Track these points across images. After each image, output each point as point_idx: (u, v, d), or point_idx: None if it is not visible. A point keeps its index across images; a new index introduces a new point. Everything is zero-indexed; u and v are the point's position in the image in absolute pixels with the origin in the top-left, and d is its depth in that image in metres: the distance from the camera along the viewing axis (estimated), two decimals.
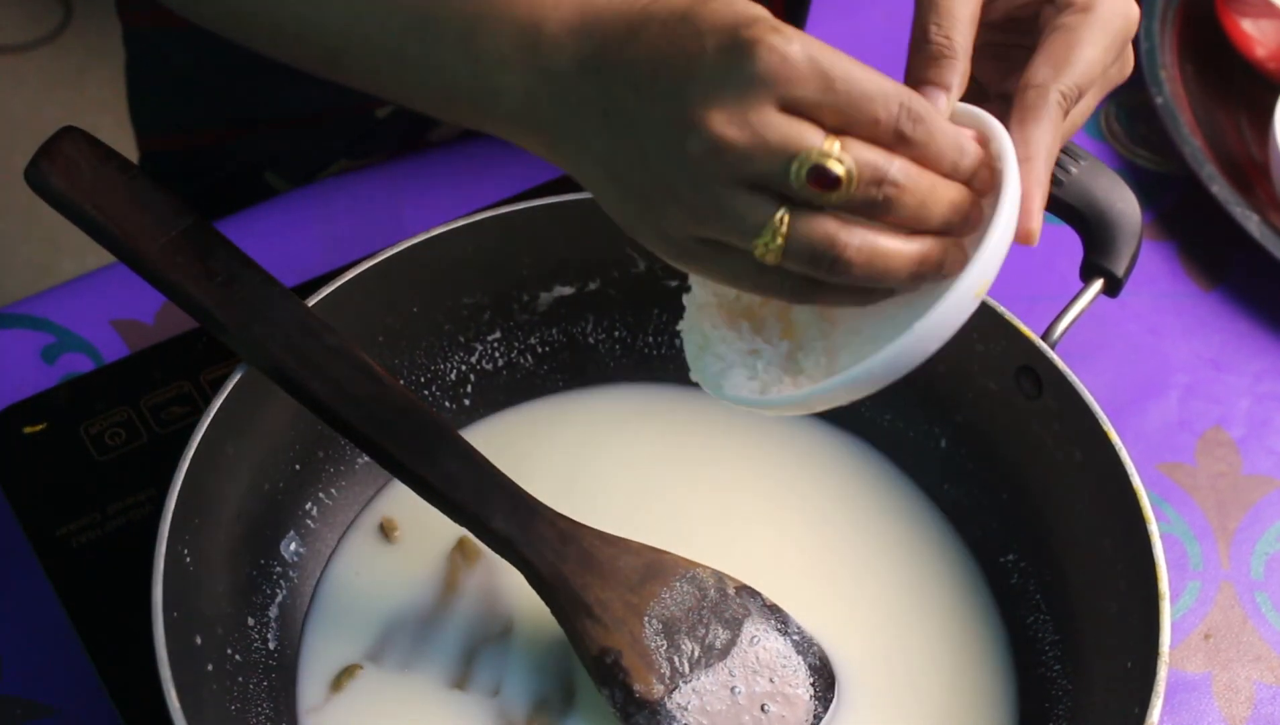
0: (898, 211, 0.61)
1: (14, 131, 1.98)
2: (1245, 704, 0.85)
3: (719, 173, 0.60)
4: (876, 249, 0.61)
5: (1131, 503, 0.75)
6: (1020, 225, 0.65)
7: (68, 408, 0.87)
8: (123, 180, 0.73)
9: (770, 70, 0.59)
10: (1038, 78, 0.67)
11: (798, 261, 0.61)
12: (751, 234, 0.61)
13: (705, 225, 0.61)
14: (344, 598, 0.81)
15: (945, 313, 0.63)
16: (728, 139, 0.59)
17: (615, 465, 0.85)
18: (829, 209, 0.61)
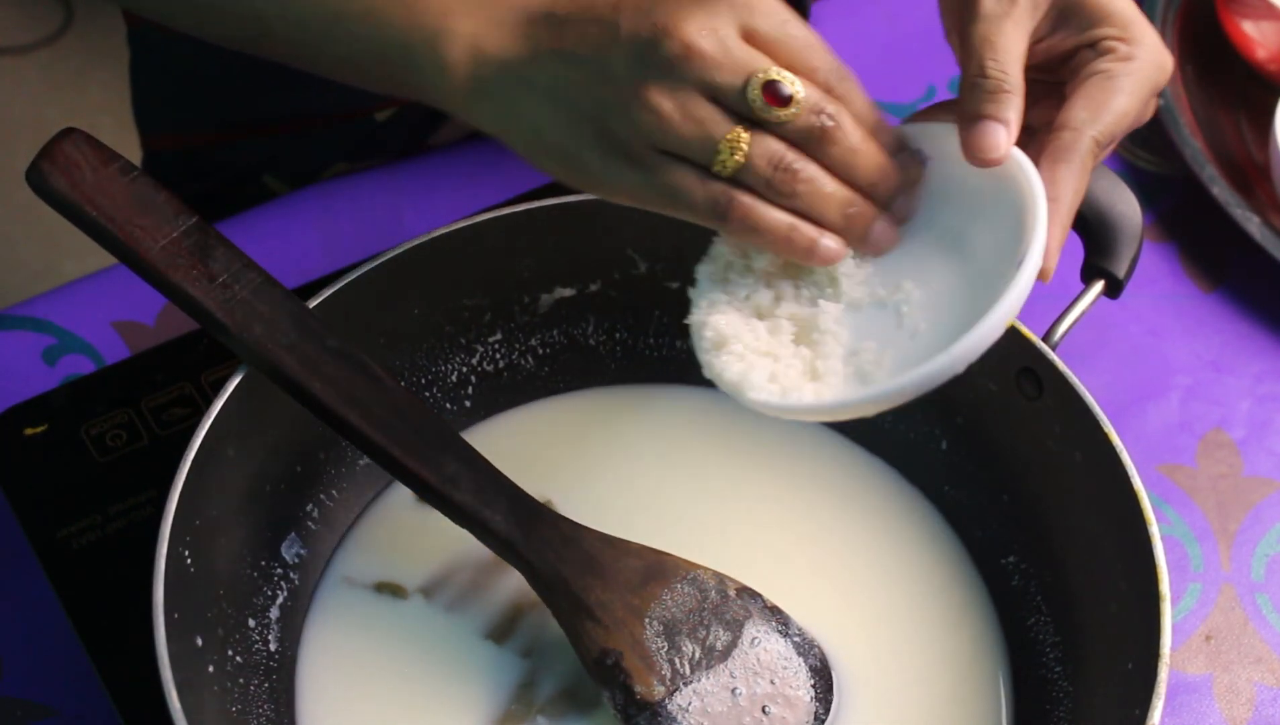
0: (835, 144, 0.66)
1: (15, 133, 1.98)
2: (1246, 706, 0.85)
3: (689, 76, 0.64)
4: (819, 174, 0.66)
5: (1132, 504, 0.75)
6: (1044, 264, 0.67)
7: (69, 409, 0.87)
8: (124, 182, 0.73)
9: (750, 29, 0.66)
10: (1075, 121, 0.69)
11: (753, 173, 0.65)
12: (715, 142, 0.65)
13: (669, 131, 0.64)
14: (345, 599, 0.81)
15: (980, 336, 0.66)
16: (700, 46, 0.64)
17: (616, 467, 0.85)
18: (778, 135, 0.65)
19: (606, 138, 0.66)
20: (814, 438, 0.87)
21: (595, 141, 0.66)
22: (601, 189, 0.67)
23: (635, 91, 0.65)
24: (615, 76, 0.65)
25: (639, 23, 0.65)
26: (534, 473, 0.80)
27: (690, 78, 0.64)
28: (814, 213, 0.67)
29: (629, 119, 0.65)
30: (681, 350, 0.88)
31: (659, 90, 0.64)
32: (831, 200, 0.67)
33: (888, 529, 0.85)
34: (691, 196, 0.66)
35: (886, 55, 1.07)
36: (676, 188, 0.66)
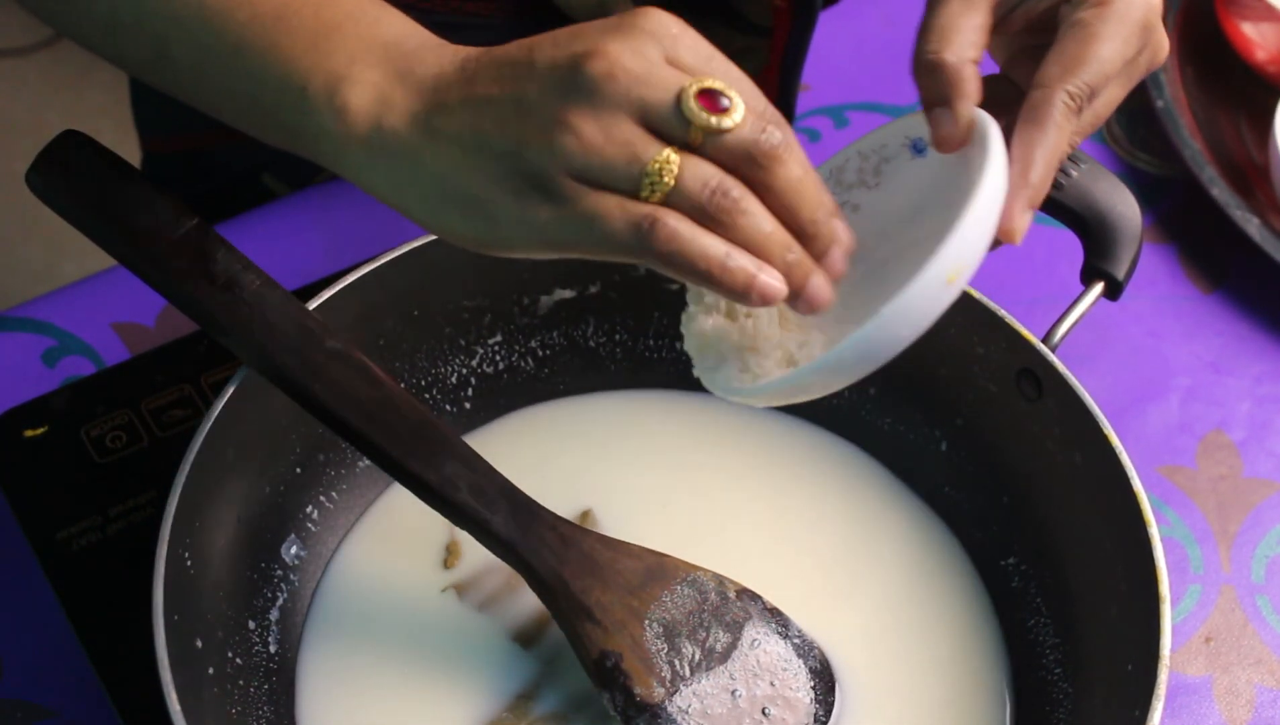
0: (781, 167, 0.60)
1: (15, 135, 1.98)
2: (1246, 707, 0.85)
3: (614, 96, 0.59)
4: (757, 210, 0.61)
5: (1132, 506, 0.75)
6: (1002, 224, 0.65)
7: (69, 411, 0.87)
8: (123, 184, 0.73)
9: (660, 26, 0.61)
10: (1045, 78, 0.67)
11: (683, 198, 0.60)
12: (641, 167, 0.59)
13: (591, 157, 0.59)
14: (345, 601, 0.81)
15: (914, 297, 0.62)
16: (626, 64, 0.59)
17: (615, 468, 0.85)
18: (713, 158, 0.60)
19: (520, 174, 0.60)
20: (814, 440, 0.87)
21: (507, 179, 0.60)
22: (510, 238, 0.61)
23: (555, 117, 0.59)
24: (533, 106, 0.60)
25: (556, 54, 0.60)
26: (533, 474, 0.80)
27: (617, 98, 0.59)
28: (751, 248, 0.61)
29: (548, 147, 0.59)
30: (681, 352, 0.87)
31: (581, 113, 0.59)
32: (771, 240, 0.61)
33: (887, 530, 0.85)
34: (610, 223, 0.59)
35: (885, 57, 1.07)
36: (595, 215, 0.59)
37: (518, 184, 0.60)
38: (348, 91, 0.63)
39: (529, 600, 0.78)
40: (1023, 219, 0.65)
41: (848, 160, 0.73)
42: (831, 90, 1.06)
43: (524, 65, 0.61)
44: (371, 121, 0.63)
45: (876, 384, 0.86)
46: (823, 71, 1.06)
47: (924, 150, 0.71)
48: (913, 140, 0.72)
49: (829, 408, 0.87)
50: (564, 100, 0.60)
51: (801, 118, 1.04)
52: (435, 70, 0.63)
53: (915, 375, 0.85)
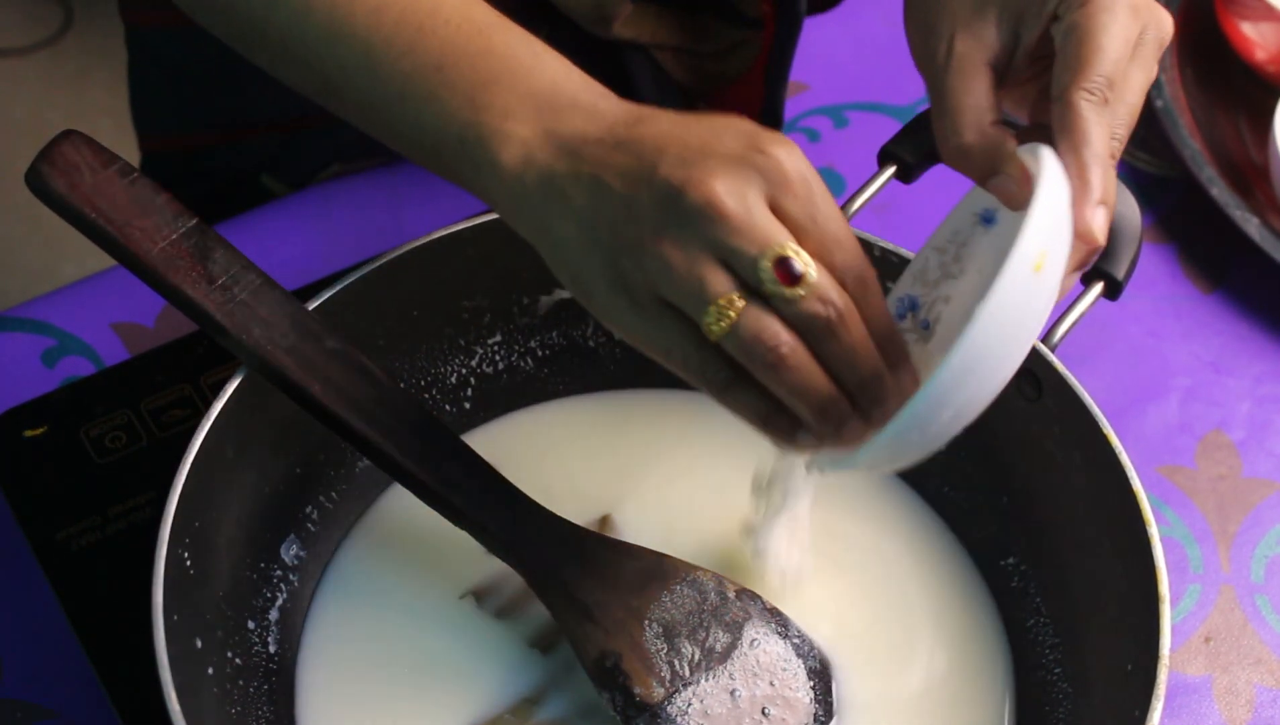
0: (835, 340, 0.64)
1: (14, 134, 1.98)
2: (1245, 707, 0.85)
3: (705, 233, 0.63)
4: (805, 363, 0.64)
5: (1131, 506, 0.75)
6: (1077, 226, 0.66)
7: (68, 411, 0.87)
8: (123, 184, 0.73)
9: (775, 169, 0.63)
10: (1058, 89, 0.68)
11: (737, 342, 0.63)
12: (708, 301, 0.63)
13: (671, 280, 0.63)
14: (345, 601, 0.81)
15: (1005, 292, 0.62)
16: (724, 207, 0.63)
17: (615, 469, 0.85)
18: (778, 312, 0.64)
19: (616, 273, 0.64)
20: None
21: (604, 273, 0.65)
22: (606, 320, 0.66)
23: (652, 236, 0.63)
24: (638, 217, 0.64)
25: (673, 171, 0.63)
26: (532, 474, 0.80)
27: (706, 235, 0.63)
28: (793, 402, 0.65)
29: (639, 261, 0.64)
30: None
31: (673, 241, 0.63)
32: (811, 395, 0.64)
33: (886, 530, 0.85)
34: (685, 356, 0.65)
35: (885, 57, 1.07)
36: (670, 342, 0.65)
37: (612, 280, 0.65)
38: (500, 147, 0.67)
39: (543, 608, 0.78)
40: (1096, 218, 0.66)
41: (927, 260, 0.75)
42: (831, 90, 1.06)
43: (649, 167, 0.64)
44: (516, 176, 0.67)
45: None
46: (822, 72, 1.06)
47: (994, 218, 0.72)
48: (980, 213, 0.73)
49: None
50: (664, 221, 0.63)
51: (801, 118, 1.04)
52: (580, 132, 0.66)
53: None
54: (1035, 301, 0.64)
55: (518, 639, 0.79)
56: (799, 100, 1.04)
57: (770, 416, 0.65)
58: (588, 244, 0.65)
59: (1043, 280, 0.63)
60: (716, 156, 0.63)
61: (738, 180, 0.63)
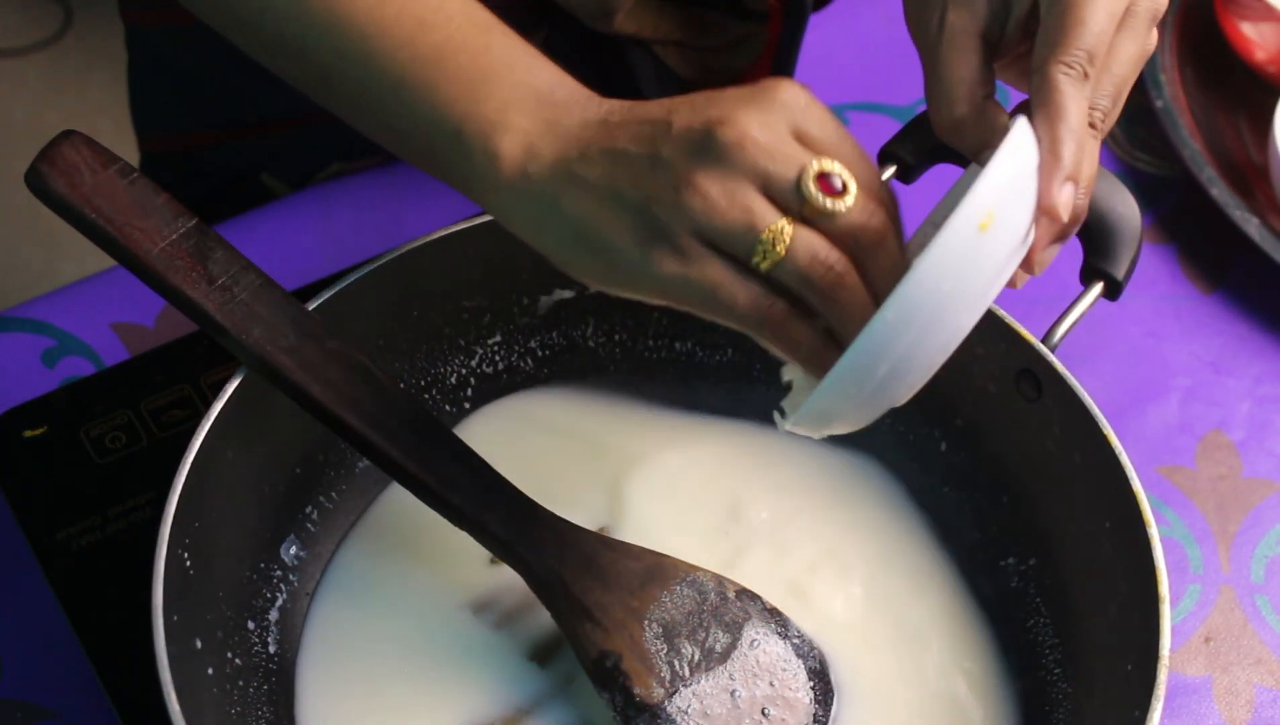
0: (882, 250, 0.64)
1: (14, 135, 1.98)
2: (1245, 707, 0.85)
3: (742, 164, 0.63)
4: (859, 283, 0.63)
5: (1131, 506, 0.75)
6: (1040, 202, 0.65)
7: (68, 411, 0.87)
8: (123, 184, 0.73)
9: (792, 98, 0.64)
10: (1036, 60, 0.67)
11: (793, 269, 0.63)
12: (758, 232, 0.62)
13: (713, 218, 0.63)
14: (345, 602, 0.81)
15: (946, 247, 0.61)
16: (755, 135, 0.63)
17: (614, 468, 0.85)
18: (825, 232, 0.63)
19: (649, 227, 0.64)
20: (812, 440, 0.87)
21: (636, 231, 0.64)
22: (638, 285, 0.65)
23: (685, 178, 0.63)
24: (665, 165, 0.63)
25: (692, 118, 0.64)
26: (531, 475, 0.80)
27: (743, 166, 0.63)
28: (848, 327, 0.64)
29: (675, 205, 0.63)
30: (680, 352, 0.88)
31: (709, 176, 0.63)
32: (866, 313, 0.63)
33: (886, 529, 0.85)
34: (731, 296, 0.63)
35: (885, 57, 1.07)
36: (715, 283, 0.63)
37: (645, 236, 0.64)
38: (500, 138, 0.66)
39: (546, 616, 0.78)
40: (1061, 194, 0.65)
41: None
42: (831, 90, 1.06)
43: (662, 125, 0.64)
44: (518, 168, 0.66)
45: None
46: (822, 71, 1.06)
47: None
48: None
49: None
50: (694, 162, 0.63)
51: None
52: (581, 121, 0.66)
53: None
54: (980, 261, 0.62)
55: (515, 648, 0.79)
56: None
57: (818, 346, 0.65)
58: (611, 210, 0.64)
59: (988, 240, 0.62)
60: (729, 99, 0.64)
61: (760, 111, 0.63)
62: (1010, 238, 0.63)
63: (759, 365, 0.87)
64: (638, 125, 0.65)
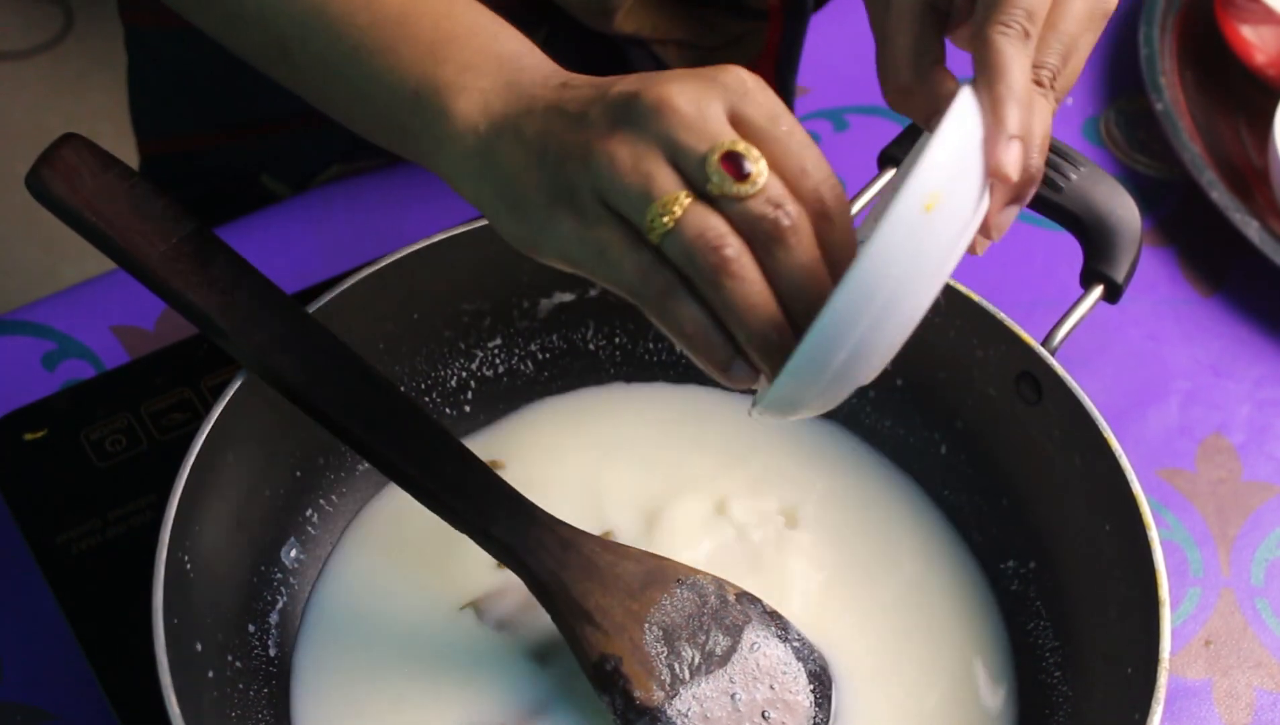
0: (784, 250, 0.61)
1: (14, 138, 1.98)
2: (1245, 710, 0.85)
3: (654, 128, 0.61)
4: (749, 274, 0.61)
5: (1131, 509, 0.75)
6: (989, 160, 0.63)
7: (68, 414, 0.87)
8: (123, 187, 0.73)
9: (735, 81, 0.62)
10: (974, 26, 0.66)
11: (678, 242, 0.60)
12: (651, 198, 0.60)
13: (614, 177, 0.61)
14: (344, 604, 0.81)
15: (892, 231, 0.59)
16: (675, 103, 0.61)
17: (615, 471, 0.85)
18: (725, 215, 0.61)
19: (558, 183, 0.63)
20: (815, 443, 0.87)
21: (547, 187, 0.63)
22: (541, 245, 0.64)
23: (599, 137, 0.62)
24: (589, 124, 0.62)
25: (629, 85, 0.63)
26: (532, 477, 0.80)
27: (656, 133, 0.61)
28: (732, 318, 0.61)
29: (584, 163, 0.62)
30: (680, 354, 0.88)
31: (621, 139, 0.61)
32: (755, 313, 0.61)
33: (887, 533, 0.85)
34: (619, 261, 0.61)
35: None
36: (605, 245, 0.62)
37: (553, 193, 0.63)
38: (455, 97, 0.66)
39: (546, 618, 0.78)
40: (1008, 152, 0.63)
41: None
42: (831, 93, 1.06)
43: (603, 88, 0.63)
44: (470, 125, 0.65)
45: (875, 386, 0.86)
46: (822, 74, 1.06)
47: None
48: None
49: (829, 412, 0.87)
50: (614, 124, 0.62)
51: (801, 121, 1.04)
52: (538, 81, 0.65)
53: (914, 378, 0.85)
54: (928, 242, 0.61)
55: (516, 650, 0.79)
56: (799, 103, 1.04)
57: (705, 334, 0.61)
58: (534, 165, 0.63)
59: (935, 220, 0.61)
60: (677, 74, 0.63)
61: (695, 87, 0.62)
62: (959, 212, 0.62)
63: None
64: (586, 89, 0.64)
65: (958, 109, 0.63)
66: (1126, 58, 1.07)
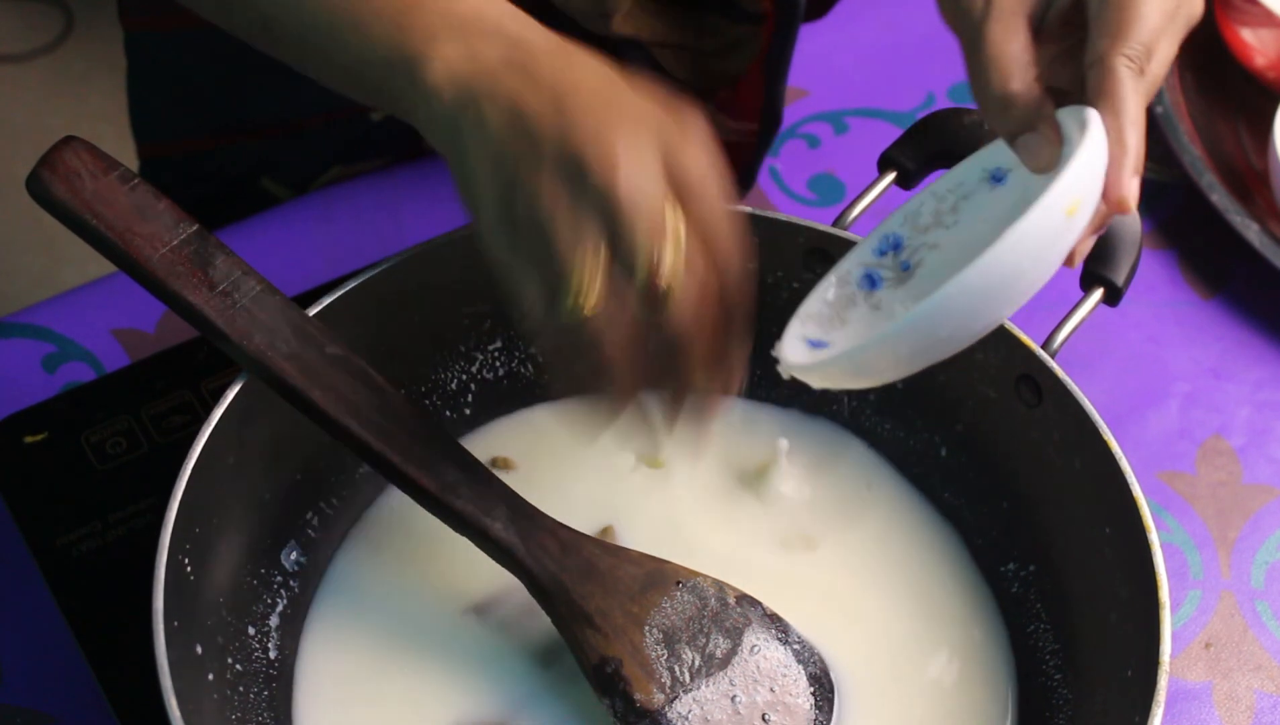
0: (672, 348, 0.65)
1: (15, 140, 1.98)
2: (1246, 713, 0.85)
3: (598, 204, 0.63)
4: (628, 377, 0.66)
5: (1132, 512, 0.75)
6: (1110, 193, 0.66)
7: (69, 417, 0.87)
8: (124, 190, 0.73)
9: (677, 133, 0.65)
10: (1098, 52, 0.68)
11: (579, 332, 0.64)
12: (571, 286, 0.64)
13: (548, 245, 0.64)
14: (345, 607, 0.81)
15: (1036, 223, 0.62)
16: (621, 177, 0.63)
17: (615, 475, 0.85)
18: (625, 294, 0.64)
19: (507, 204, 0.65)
20: (816, 446, 0.87)
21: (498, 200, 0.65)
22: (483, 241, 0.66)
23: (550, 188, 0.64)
24: (540, 160, 0.64)
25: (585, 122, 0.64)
26: (533, 480, 0.80)
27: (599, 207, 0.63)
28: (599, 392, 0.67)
29: (530, 206, 0.64)
30: None
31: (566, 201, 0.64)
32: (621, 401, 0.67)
33: (887, 535, 0.85)
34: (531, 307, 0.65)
35: (885, 63, 1.07)
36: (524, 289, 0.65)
37: (502, 208, 0.65)
38: (422, 68, 0.67)
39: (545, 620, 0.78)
40: (1131, 185, 0.66)
41: (922, 204, 0.75)
42: (831, 96, 1.06)
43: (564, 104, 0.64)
44: (437, 94, 0.67)
45: (876, 389, 0.86)
46: (822, 77, 1.06)
47: (1004, 178, 0.71)
48: (991, 171, 0.73)
49: (830, 414, 0.87)
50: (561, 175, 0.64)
51: (801, 124, 1.04)
52: (502, 58, 0.67)
53: (915, 381, 0.85)
54: (1058, 243, 0.64)
55: (517, 652, 0.79)
56: (799, 106, 1.04)
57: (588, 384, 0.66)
58: (492, 169, 0.65)
59: (1070, 226, 0.64)
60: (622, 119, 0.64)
61: (639, 146, 0.64)
62: (1085, 223, 0.65)
63: (758, 371, 0.87)
64: (549, 90, 0.65)
65: (1098, 131, 0.65)
66: None
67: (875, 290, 0.74)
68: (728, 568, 0.80)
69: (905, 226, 0.75)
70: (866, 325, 0.73)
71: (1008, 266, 0.63)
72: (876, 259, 0.75)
